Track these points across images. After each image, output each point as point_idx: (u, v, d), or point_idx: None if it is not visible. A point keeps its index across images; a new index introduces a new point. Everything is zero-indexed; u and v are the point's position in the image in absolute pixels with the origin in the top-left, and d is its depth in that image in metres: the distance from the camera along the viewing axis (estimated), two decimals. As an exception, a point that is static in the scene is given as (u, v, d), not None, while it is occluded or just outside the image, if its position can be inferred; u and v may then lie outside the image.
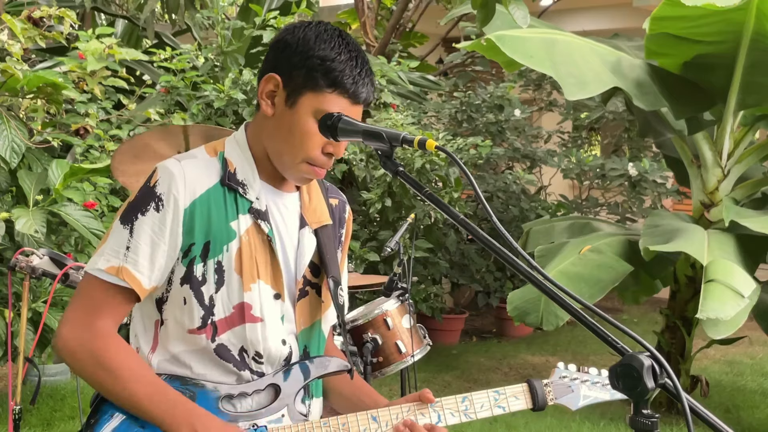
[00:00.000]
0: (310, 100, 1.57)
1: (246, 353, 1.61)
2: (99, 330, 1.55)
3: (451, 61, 8.69)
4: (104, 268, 1.55)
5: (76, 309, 1.58)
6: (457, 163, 1.40)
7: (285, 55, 1.59)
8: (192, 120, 5.35)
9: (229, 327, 1.60)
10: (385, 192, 5.72)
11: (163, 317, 1.62)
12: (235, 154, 1.65)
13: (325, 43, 1.57)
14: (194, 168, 1.60)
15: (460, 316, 7.16)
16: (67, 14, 3.84)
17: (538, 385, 1.76)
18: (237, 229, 1.60)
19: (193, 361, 1.61)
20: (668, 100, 4.70)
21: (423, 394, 1.69)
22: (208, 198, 1.58)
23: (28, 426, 4.51)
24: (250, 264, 1.60)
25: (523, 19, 3.48)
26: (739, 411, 5.32)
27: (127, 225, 1.57)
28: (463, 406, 1.69)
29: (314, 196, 1.76)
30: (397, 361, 3.40)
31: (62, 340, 1.56)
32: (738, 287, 4.05)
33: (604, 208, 7.70)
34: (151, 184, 1.58)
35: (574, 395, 1.79)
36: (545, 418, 4.97)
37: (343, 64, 1.56)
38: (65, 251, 4.07)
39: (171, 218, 1.56)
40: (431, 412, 1.67)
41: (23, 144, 3.72)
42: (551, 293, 1.38)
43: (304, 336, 1.70)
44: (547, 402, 1.76)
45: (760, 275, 4.68)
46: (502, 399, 1.72)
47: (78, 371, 1.58)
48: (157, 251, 1.56)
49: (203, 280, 1.58)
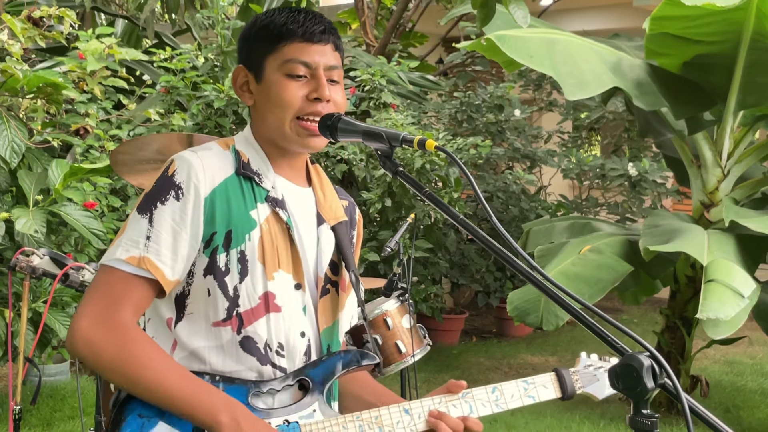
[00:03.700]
0: (271, 63, 1.61)
1: (269, 346, 1.58)
2: (121, 323, 1.48)
3: (451, 61, 8.69)
4: (124, 258, 1.49)
5: (94, 301, 1.50)
6: (457, 163, 1.40)
7: (242, 46, 1.67)
8: (192, 120, 5.35)
9: (255, 318, 1.56)
10: (385, 192, 5.72)
11: (186, 312, 1.57)
12: (245, 148, 1.65)
13: (263, 16, 1.65)
14: (211, 158, 1.58)
15: (460, 316, 7.16)
16: (67, 14, 3.84)
17: (566, 374, 1.74)
18: (257, 217, 1.58)
19: (213, 357, 1.56)
20: (668, 100, 4.70)
21: (452, 384, 1.66)
22: (226, 187, 1.57)
23: (28, 426, 4.51)
24: (271, 252, 1.58)
25: (523, 19, 3.48)
26: (739, 411, 5.32)
27: (145, 214, 1.52)
28: (494, 396, 1.68)
29: (328, 193, 1.75)
30: (397, 361, 3.40)
31: (82, 334, 1.47)
32: (738, 287, 4.05)
33: (604, 208, 7.70)
34: (169, 173, 1.54)
35: (600, 384, 1.78)
36: (545, 418, 4.97)
37: (283, 17, 1.62)
38: (65, 251, 4.07)
39: (192, 207, 1.52)
40: (462, 404, 1.65)
41: (23, 144, 3.72)
42: (551, 293, 1.38)
43: (326, 334, 1.68)
44: (575, 390, 1.75)
45: (760, 275, 4.68)
46: (532, 388, 1.71)
47: (101, 367, 1.49)
48: (179, 240, 1.52)
49: (227, 270, 1.55)
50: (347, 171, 6.02)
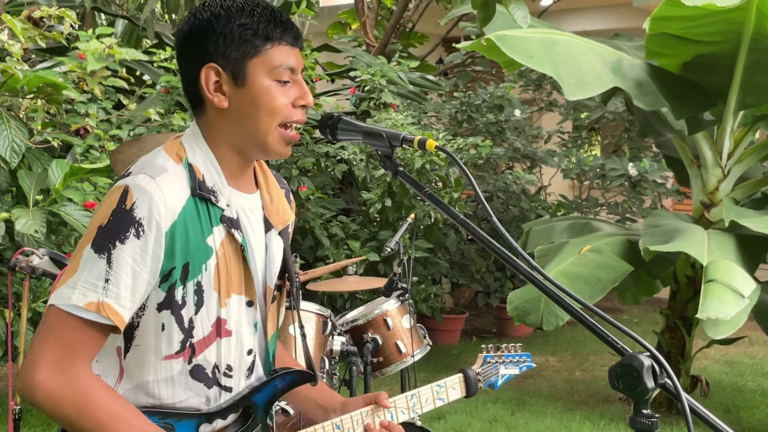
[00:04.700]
0: (257, 65, 1.52)
1: (218, 369, 1.57)
2: (79, 375, 1.44)
3: (451, 61, 8.69)
4: (82, 304, 1.41)
5: (49, 350, 1.43)
6: (457, 163, 1.40)
7: (207, 42, 1.52)
8: (192, 120, 5.34)
9: (206, 346, 1.54)
10: (385, 192, 5.72)
11: (133, 344, 1.52)
12: (199, 159, 1.54)
13: (233, 10, 1.52)
14: (169, 184, 1.48)
15: (460, 316, 7.16)
16: (67, 14, 3.84)
17: (471, 374, 1.94)
18: (213, 244, 1.52)
19: (163, 391, 1.54)
20: (668, 100, 4.70)
21: (380, 400, 1.78)
22: (185, 216, 1.48)
23: (28, 426, 4.51)
24: (225, 279, 1.54)
25: (523, 19, 3.48)
26: (739, 411, 5.32)
27: (103, 254, 1.43)
28: (412, 402, 1.85)
29: (274, 194, 1.68)
30: (397, 361, 3.40)
31: (41, 388, 1.42)
32: (738, 287, 4.05)
33: (604, 208, 7.70)
34: (126, 206, 1.44)
35: (495, 377, 2.03)
36: (545, 418, 4.97)
37: (262, 17, 1.52)
38: (65, 251, 4.07)
39: (153, 244, 1.44)
40: (386, 413, 1.80)
41: (23, 144, 3.72)
42: (551, 293, 1.38)
43: (273, 341, 1.68)
44: (477, 388, 1.97)
45: (760, 275, 4.68)
46: (442, 391, 1.90)
47: (60, 421, 1.47)
48: (138, 281, 1.44)
49: (183, 303, 1.50)
50: (347, 171, 6.02)
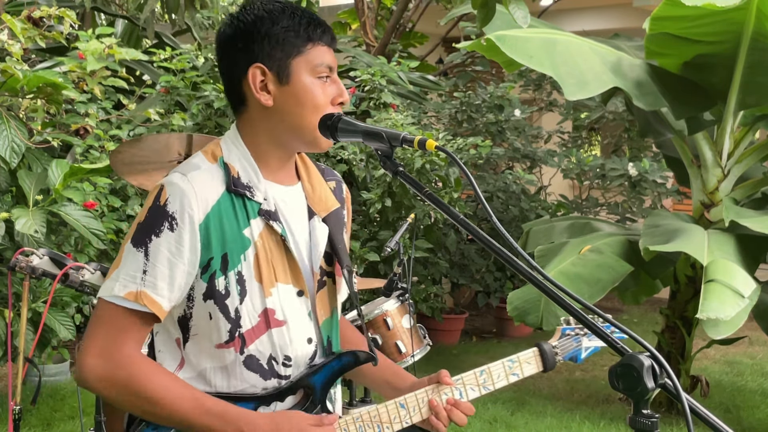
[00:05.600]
0: (300, 64, 1.61)
1: (275, 360, 1.62)
2: (126, 357, 1.54)
3: (451, 61, 8.69)
4: (122, 294, 1.53)
5: (97, 338, 1.55)
6: (457, 163, 1.40)
7: (253, 43, 1.61)
8: (192, 120, 5.35)
9: (257, 336, 1.59)
10: (385, 192, 5.72)
11: (191, 333, 1.61)
12: (234, 158, 1.63)
13: (275, 13, 1.62)
14: (201, 180, 1.57)
15: (460, 316, 7.16)
16: (67, 14, 3.84)
17: (547, 348, 1.85)
18: (251, 236, 1.59)
19: (218, 379, 1.61)
20: (668, 100, 4.70)
21: (441, 378, 1.75)
22: (219, 209, 1.56)
23: (28, 426, 4.51)
24: (267, 269, 1.59)
25: (523, 19, 3.48)
26: (739, 411, 5.32)
27: (140, 248, 1.54)
28: (482, 378, 1.78)
29: (317, 184, 1.75)
30: (397, 361, 3.40)
31: (89, 372, 1.53)
32: (738, 287, 4.05)
33: (604, 208, 7.69)
34: (161, 203, 1.54)
35: (578, 349, 1.91)
36: (545, 418, 4.97)
37: (303, 19, 1.62)
38: (65, 251, 4.08)
39: (188, 236, 1.53)
40: (453, 390, 1.75)
41: (23, 144, 3.72)
42: (551, 293, 1.39)
43: (326, 327, 1.71)
44: (555, 362, 1.86)
45: (760, 275, 4.68)
46: (516, 366, 1.81)
47: (112, 400, 1.56)
48: (175, 271, 1.54)
49: (227, 293, 1.57)
50: (347, 171, 6.02)
